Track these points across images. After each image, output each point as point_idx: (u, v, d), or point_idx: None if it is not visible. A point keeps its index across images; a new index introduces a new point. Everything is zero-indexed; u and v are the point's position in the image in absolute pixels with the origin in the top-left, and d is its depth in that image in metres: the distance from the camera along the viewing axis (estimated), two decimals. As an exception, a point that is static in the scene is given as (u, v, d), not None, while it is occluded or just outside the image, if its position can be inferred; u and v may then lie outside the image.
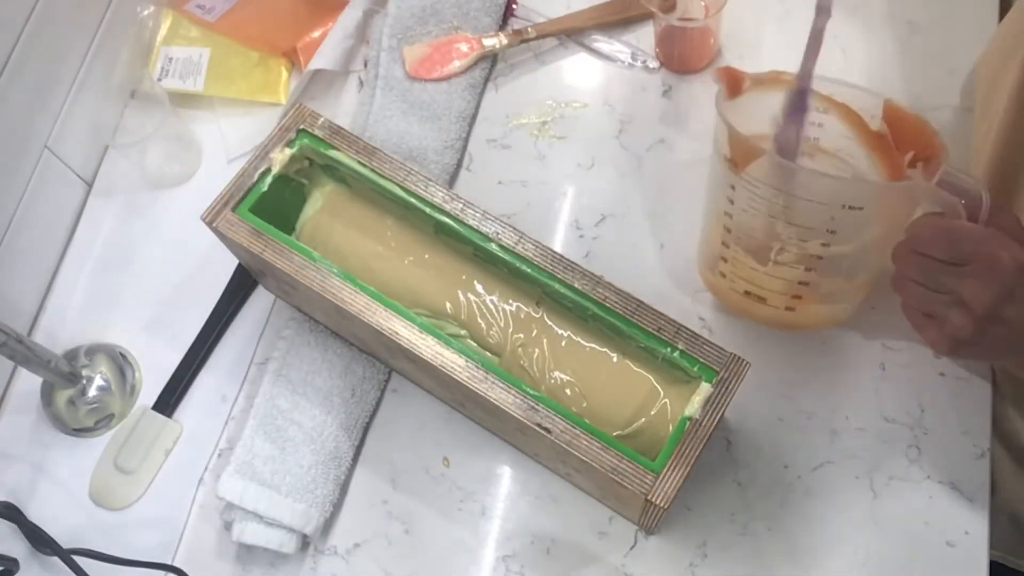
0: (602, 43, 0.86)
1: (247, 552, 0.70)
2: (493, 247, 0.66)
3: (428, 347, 0.63)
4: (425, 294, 0.69)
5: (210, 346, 0.77)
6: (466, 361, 0.62)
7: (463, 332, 0.69)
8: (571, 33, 0.87)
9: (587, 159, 0.82)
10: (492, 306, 0.69)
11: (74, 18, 0.80)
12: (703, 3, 0.82)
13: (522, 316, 0.68)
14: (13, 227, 0.76)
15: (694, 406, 0.60)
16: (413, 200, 0.68)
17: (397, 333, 0.63)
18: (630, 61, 0.85)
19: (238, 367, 0.77)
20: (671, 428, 0.63)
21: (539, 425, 0.60)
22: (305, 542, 0.70)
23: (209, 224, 0.67)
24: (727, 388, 0.60)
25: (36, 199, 0.78)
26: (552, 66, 0.87)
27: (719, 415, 0.60)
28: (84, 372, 0.76)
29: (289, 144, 0.69)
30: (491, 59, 0.86)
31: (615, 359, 0.66)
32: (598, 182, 0.81)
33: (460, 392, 0.65)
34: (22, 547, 0.71)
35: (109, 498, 0.73)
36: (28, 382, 0.77)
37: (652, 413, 0.64)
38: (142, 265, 0.81)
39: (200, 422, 0.75)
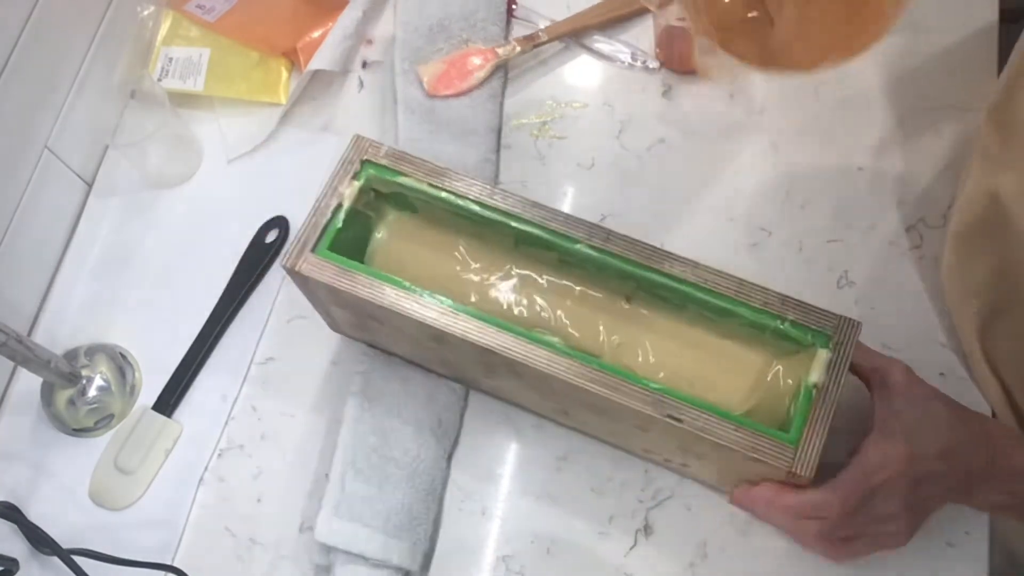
0: (602, 43, 0.86)
1: (247, 552, 0.70)
2: (581, 248, 0.64)
3: (542, 358, 0.61)
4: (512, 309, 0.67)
5: (210, 346, 0.77)
6: (587, 368, 0.60)
7: (556, 340, 0.66)
8: (576, 34, 0.86)
9: (587, 159, 0.82)
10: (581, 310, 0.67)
11: (74, 18, 0.80)
12: (703, 3, 0.82)
13: (614, 315, 0.66)
14: (13, 227, 0.76)
15: (817, 373, 0.59)
16: (493, 215, 0.65)
17: (510, 349, 0.61)
18: (630, 61, 0.85)
19: (238, 367, 0.77)
20: (787, 400, 0.61)
21: (670, 416, 0.58)
22: None
23: (290, 270, 0.63)
24: (844, 351, 0.60)
25: (36, 199, 0.78)
26: (552, 66, 0.87)
27: (843, 377, 0.59)
28: (84, 372, 0.76)
29: (355, 176, 0.66)
30: (503, 66, 0.86)
31: (718, 341, 0.65)
32: (598, 182, 0.81)
33: (569, 399, 0.63)
34: (22, 547, 0.71)
35: (109, 498, 0.73)
36: (28, 382, 0.77)
37: (765, 389, 0.63)
38: (142, 265, 0.81)
39: (200, 422, 0.75)
